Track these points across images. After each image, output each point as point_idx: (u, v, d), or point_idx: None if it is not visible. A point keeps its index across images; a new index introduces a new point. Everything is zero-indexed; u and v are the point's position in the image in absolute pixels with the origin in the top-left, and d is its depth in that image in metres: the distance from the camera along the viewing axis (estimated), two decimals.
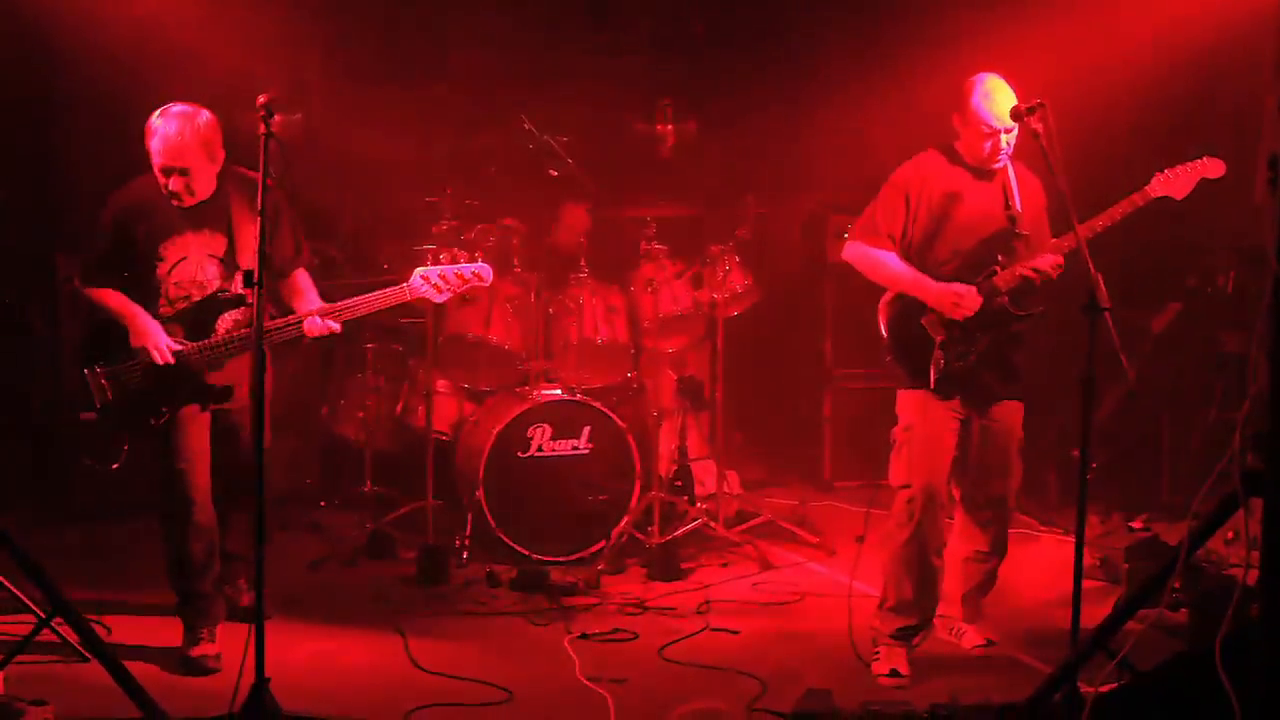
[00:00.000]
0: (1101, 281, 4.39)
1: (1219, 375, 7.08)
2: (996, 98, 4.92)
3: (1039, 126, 4.61)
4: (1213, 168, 4.87)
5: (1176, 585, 4.92)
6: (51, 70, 7.41)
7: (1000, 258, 5.00)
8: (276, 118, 4.48)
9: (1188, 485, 6.91)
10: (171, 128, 4.94)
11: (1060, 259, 4.91)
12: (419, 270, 5.04)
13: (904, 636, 5.10)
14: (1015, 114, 4.74)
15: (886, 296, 5.17)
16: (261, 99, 4.45)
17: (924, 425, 5.05)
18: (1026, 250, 4.98)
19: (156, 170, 5.00)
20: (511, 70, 8.45)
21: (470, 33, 8.53)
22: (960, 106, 5.01)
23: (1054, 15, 7.23)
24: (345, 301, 5.08)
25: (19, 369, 7.21)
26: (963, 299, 4.95)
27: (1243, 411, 3.62)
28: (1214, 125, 7.64)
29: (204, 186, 5.06)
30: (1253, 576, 3.58)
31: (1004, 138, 4.96)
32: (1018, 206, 5.04)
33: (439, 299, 5.08)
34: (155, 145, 4.97)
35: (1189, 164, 4.87)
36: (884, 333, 5.16)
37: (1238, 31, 7.11)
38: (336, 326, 5.05)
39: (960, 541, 5.31)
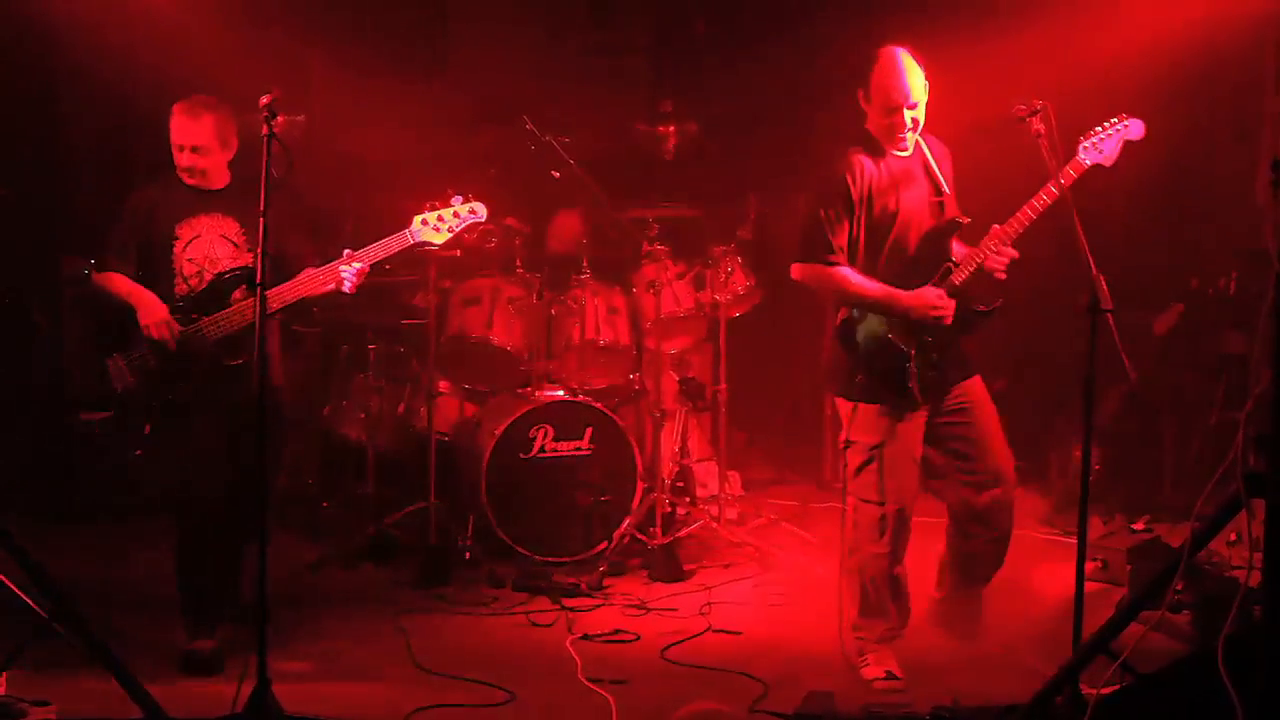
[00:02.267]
0: (1104, 283, 4.37)
1: (1221, 376, 7.09)
2: (899, 72, 4.78)
3: (1040, 128, 4.53)
4: (1134, 129, 4.75)
5: (1179, 587, 4.91)
6: (55, 70, 7.42)
7: (954, 257, 4.86)
8: (279, 118, 4.52)
9: (1190, 487, 6.91)
10: (190, 108, 5.22)
11: (1013, 252, 4.78)
12: (417, 216, 5.22)
13: (888, 638, 5.08)
14: (1015, 118, 4.57)
15: (838, 317, 4.97)
16: (264, 100, 4.50)
17: (894, 443, 4.90)
18: (965, 237, 4.86)
19: (173, 147, 5.23)
20: (513, 71, 8.45)
21: (472, 34, 8.54)
22: (863, 82, 4.86)
23: (1056, 16, 7.22)
24: (360, 251, 5.17)
25: (21, 368, 7.21)
26: (938, 304, 4.81)
27: (1245, 412, 3.62)
28: (1216, 126, 7.64)
29: (216, 171, 5.29)
30: (1255, 578, 3.59)
31: (908, 114, 4.81)
32: (945, 188, 4.91)
33: (440, 240, 5.25)
34: (174, 123, 5.23)
35: (1108, 125, 4.74)
36: (845, 354, 4.94)
37: (1240, 32, 7.12)
38: (365, 267, 5.17)
39: (956, 535, 5.19)
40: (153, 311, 5.10)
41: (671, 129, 7.61)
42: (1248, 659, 3.45)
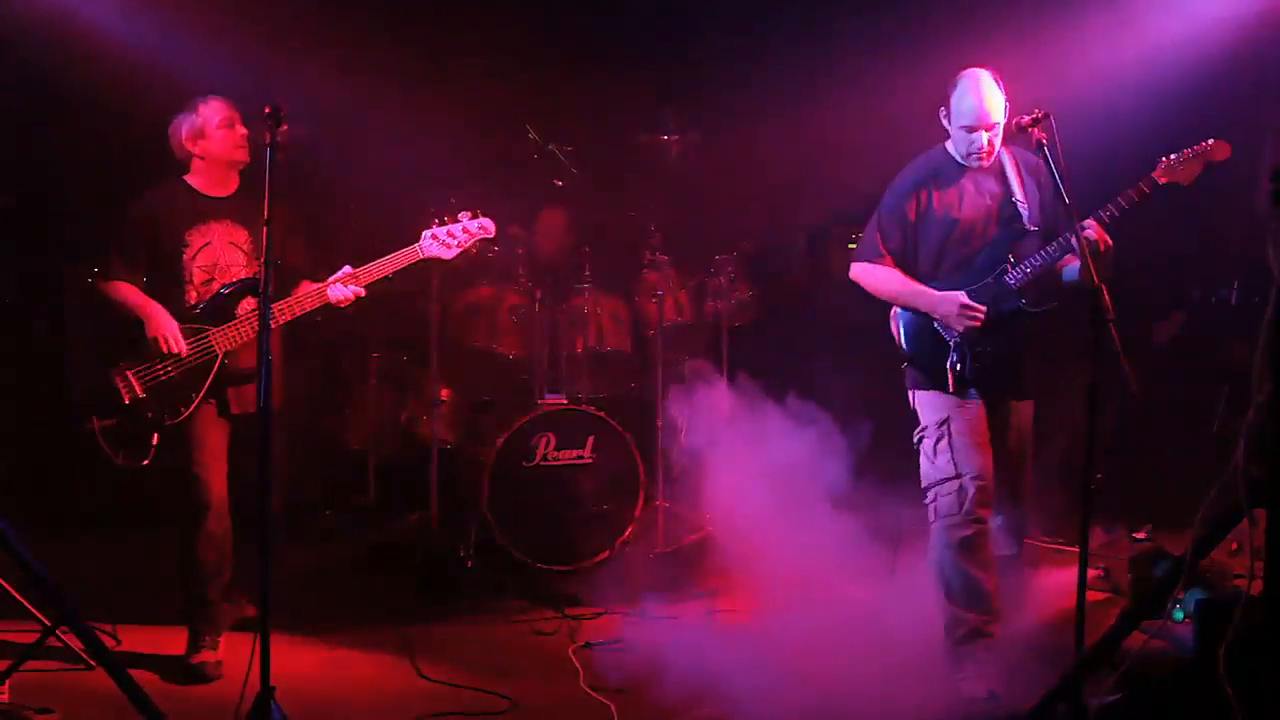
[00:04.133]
0: (1106, 292, 4.38)
1: (1223, 386, 7.08)
2: (978, 94, 4.87)
3: (1043, 137, 4.56)
4: (1218, 150, 4.75)
5: (1180, 596, 4.91)
6: (57, 76, 7.43)
7: (1010, 257, 4.94)
8: (283, 127, 4.52)
9: (1192, 496, 6.89)
10: (219, 98, 5.27)
11: (1073, 259, 4.83)
12: (426, 231, 5.23)
13: (976, 637, 4.92)
14: (1017, 127, 4.65)
15: (890, 312, 5.13)
16: (269, 109, 4.49)
17: (960, 416, 4.96)
18: (1035, 243, 4.93)
19: (221, 123, 5.25)
20: (515, 80, 8.46)
21: (473, 43, 8.55)
22: (945, 101, 4.99)
23: (1060, 22, 7.23)
24: (363, 267, 5.18)
25: (23, 375, 7.22)
26: (966, 303, 4.89)
27: (1246, 422, 3.62)
28: (1218, 134, 7.62)
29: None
30: (1257, 587, 3.59)
31: (984, 135, 4.90)
32: (1019, 197, 4.98)
33: (449, 255, 5.28)
34: (214, 107, 5.26)
35: (1194, 148, 4.76)
36: (898, 339, 5.11)
37: (1241, 40, 7.13)
38: (360, 290, 5.20)
39: None
40: (163, 325, 5.09)
41: (674, 138, 7.62)
42: (1249, 668, 3.45)
